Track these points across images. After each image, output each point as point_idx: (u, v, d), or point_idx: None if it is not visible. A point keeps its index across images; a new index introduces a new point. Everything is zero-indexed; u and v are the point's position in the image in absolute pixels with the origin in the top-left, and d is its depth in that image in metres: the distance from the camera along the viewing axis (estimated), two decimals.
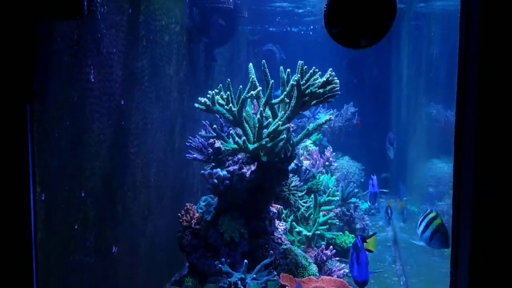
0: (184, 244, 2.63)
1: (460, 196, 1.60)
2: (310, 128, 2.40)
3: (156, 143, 3.26)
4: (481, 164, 1.47)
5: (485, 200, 1.48)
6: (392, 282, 3.93)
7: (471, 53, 1.60)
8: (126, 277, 2.87)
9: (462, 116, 1.63)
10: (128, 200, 2.86)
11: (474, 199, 1.49)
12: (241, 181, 2.46)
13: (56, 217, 2.12)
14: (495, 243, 1.49)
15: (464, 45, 1.62)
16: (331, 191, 3.23)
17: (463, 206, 1.57)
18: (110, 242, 2.65)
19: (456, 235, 1.62)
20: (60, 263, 2.17)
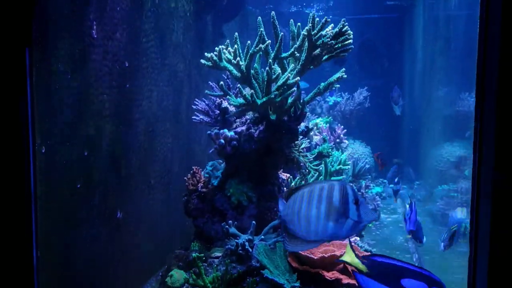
0: (190, 208, 2.54)
1: (479, 185, 1.53)
2: (321, 87, 2.30)
3: (161, 112, 3.18)
4: (501, 152, 1.42)
5: (505, 190, 1.42)
6: (404, 259, 3.82)
7: (492, 33, 1.51)
8: (132, 244, 2.81)
9: (482, 104, 1.56)
10: (133, 166, 2.79)
11: (493, 187, 1.44)
12: (249, 142, 2.37)
13: (58, 172, 2.05)
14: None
15: (484, 25, 1.53)
16: (343, 159, 3.12)
17: (482, 194, 1.51)
18: (114, 207, 2.58)
19: (476, 223, 1.55)
20: (62, 221, 2.10)
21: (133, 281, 2.88)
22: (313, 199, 1.61)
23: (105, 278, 2.51)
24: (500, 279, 1.46)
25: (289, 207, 1.65)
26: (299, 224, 1.63)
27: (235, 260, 2.29)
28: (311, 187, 1.63)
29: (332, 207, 1.59)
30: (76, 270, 2.23)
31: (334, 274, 2.16)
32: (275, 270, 2.20)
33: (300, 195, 1.63)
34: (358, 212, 1.61)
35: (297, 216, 1.63)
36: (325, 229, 1.62)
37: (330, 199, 1.59)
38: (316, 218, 1.61)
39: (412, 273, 1.66)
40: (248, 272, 2.26)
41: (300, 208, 1.62)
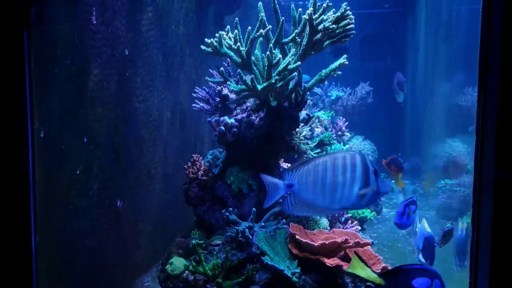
0: (191, 196, 2.53)
1: (481, 182, 1.51)
2: (323, 74, 2.28)
3: (162, 104, 3.17)
4: (503, 149, 1.41)
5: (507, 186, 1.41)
6: (406, 251, 3.82)
7: (495, 26, 1.50)
8: (132, 234, 2.80)
9: (484, 100, 1.55)
10: (133, 156, 2.78)
11: (495, 185, 1.42)
12: (249, 129, 2.35)
13: (56, 158, 2.04)
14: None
15: (487, 18, 1.51)
16: (345, 148, 3.11)
17: (484, 192, 1.49)
18: (114, 196, 2.57)
19: (477, 223, 1.53)
20: (61, 208, 2.09)
21: (134, 271, 2.87)
22: (338, 168, 1.62)
23: (105, 267, 2.50)
24: (502, 277, 1.45)
25: (307, 175, 1.64)
26: (323, 192, 1.63)
27: (235, 247, 2.28)
28: (333, 157, 1.64)
29: (356, 176, 1.61)
30: (75, 257, 2.22)
31: (334, 260, 2.15)
32: (276, 257, 2.18)
33: (322, 164, 1.63)
34: (377, 182, 1.63)
35: (320, 184, 1.63)
36: (349, 197, 1.63)
37: (353, 168, 1.61)
38: (342, 186, 1.62)
39: (417, 272, 1.67)
40: (248, 259, 2.25)
41: (325, 176, 1.63)
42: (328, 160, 1.64)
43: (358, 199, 1.64)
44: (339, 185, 1.62)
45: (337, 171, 1.61)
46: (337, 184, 1.62)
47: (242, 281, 2.19)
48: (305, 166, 1.65)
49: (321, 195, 1.64)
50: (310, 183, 1.63)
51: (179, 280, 2.30)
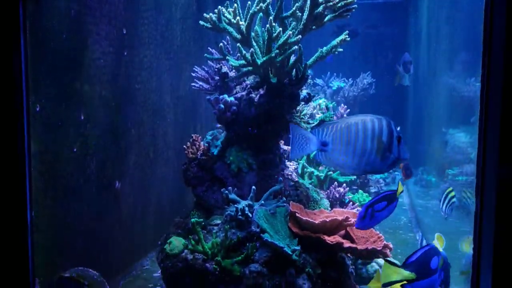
0: (190, 176, 2.49)
1: (484, 179, 1.48)
2: (324, 50, 2.24)
3: (162, 87, 3.14)
4: (507, 144, 1.39)
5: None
6: (408, 237, 3.79)
7: (498, 19, 1.46)
8: (131, 216, 2.77)
9: (487, 93, 1.52)
10: (131, 137, 2.75)
11: (498, 182, 1.40)
12: (249, 106, 2.31)
13: (52, 133, 2.01)
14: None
15: (490, 8, 1.48)
16: None
17: (487, 189, 1.46)
18: (113, 177, 2.54)
19: (479, 219, 1.51)
20: (58, 184, 2.06)
21: (133, 254, 2.84)
22: (367, 132, 1.62)
23: (104, 247, 2.47)
24: (505, 274, 1.42)
25: (341, 137, 1.63)
26: (353, 155, 1.63)
27: (234, 226, 2.24)
28: (363, 119, 1.64)
29: (382, 141, 1.61)
30: (72, 235, 2.19)
31: (335, 238, 2.12)
32: (276, 235, 2.15)
33: (354, 126, 1.63)
34: (398, 148, 1.63)
35: (352, 147, 1.63)
36: (374, 162, 1.64)
37: (380, 132, 1.62)
38: (370, 150, 1.62)
39: (431, 251, 1.68)
40: (248, 238, 2.21)
41: (357, 140, 1.63)
42: (359, 122, 1.63)
43: (381, 164, 1.64)
44: (367, 150, 1.63)
45: (367, 135, 1.62)
46: (366, 148, 1.63)
47: (242, 260, 2.15)
48: (337, 125, 1.64)
49: (351, 157, 1.64)
50: (343, 145, 1.63)
51: (178, 260, 2.26)
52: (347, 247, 2.08)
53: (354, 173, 1.63)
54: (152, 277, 2.74)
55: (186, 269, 2.24)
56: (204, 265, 2.21)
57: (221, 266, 2.17)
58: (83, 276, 1.86)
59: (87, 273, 1.91)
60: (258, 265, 2.15)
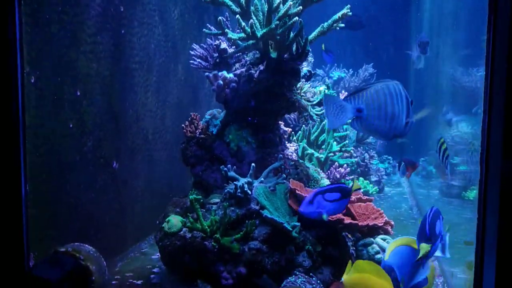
0: (188, 155, 2.46)
1: (487, 173, 1.47)
2: (325, 25, 2.20)
3: (161, 68, 3.10)
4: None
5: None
6: (409, 223, 3.75)
7: (503, 8, 1.43)
8: (130, 197, 2.73)
9: (491, 87, 1.49)
10: (129, 118, 2.71)
11: (502, 176, 1.39)
12: (248, 83, 2.27)
13: (48, 107, 1.98)
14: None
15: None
16: None
17: (490, 185, 1.46)
18: (110, 156, 2.51)
19: (483, 213, 1.48)
20: (53, 159, 2.03)
21: (131, 236, 2.81)
22: (393, 96, 1.64)
23: (101, 228, 2.44)
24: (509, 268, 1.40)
25: (373, 101, 1.63)
26: (385, 118, 1.64)
27: (234, 203, 2.21)
28: (385, 84, 1.65)
29: (404, 105, 1.64)
30: (69, 212, 2.16)
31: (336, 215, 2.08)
32: (275, 212, 2.12)
33: (382, 91, 1.64)
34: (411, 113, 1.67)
35: (384, 111, 1.63)
36: (400, 126, 1.65)
37: (401, 96, 1.63)
38: (398, 114, 1.64)
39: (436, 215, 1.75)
40: (247, 215, 2.18)
41: (386, 104, 1.64)
42: (385, 87, 1.65)
43: (404, 128, 1.65)
44: (395, 113, 1.64)
45: (393, 99, 1.63)
46: (394, 112, 1.64)
47: (241, 237, 2.12)
48: (367, 92, 1.64)
49: (383, 121, 1.64)
50: (376, 110, 1.63)
51: (176, 238, 2.23)
52: (348, 223, 2.04)
53: (385, 138, 1.63)
54: (150, 259, 2.71)
55: (185, 248, 2.21)
56: (203, 243, 2.17)
57: (220, 243, 2.13)
58: (79, 251, 1.83)
59: (83, 248, 1.88)
60: (257, 242, 2.12)
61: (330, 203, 1.88)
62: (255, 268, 2.11)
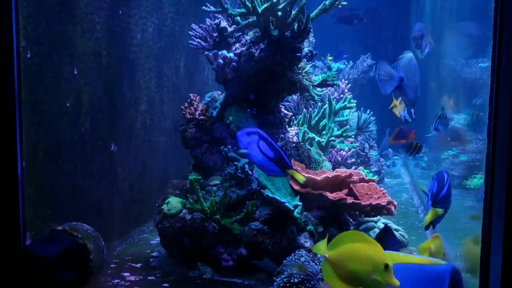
0: (188, 137, 2.42)
1: (493, 171, 1.43)
2: (327, 3, 2.16)
3: (160, 53, 3.05)
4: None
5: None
6: (409, 211, 3.73)
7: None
8: (127, 182, 2.69)
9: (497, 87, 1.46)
10: (127, 100, 2.67)
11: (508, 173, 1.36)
12: (249, 62, 2.23)
13: (44, 84, 1.93)
14: None
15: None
16: (348, 98, 3.00)
17: (497, 182, 1.42)
18: (108, 139, 2.47)
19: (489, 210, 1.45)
20: (50, 137, 1.98)
21: (131, 221, 2.77)
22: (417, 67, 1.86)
23: (99, 210, 2.40)
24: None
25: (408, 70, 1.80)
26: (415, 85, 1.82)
27: (234, 184, 2.17)
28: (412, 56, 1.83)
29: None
30: (66, 193, 2.11)
31: (338, 194, 2.05)
32: (276, 192, 2.08)
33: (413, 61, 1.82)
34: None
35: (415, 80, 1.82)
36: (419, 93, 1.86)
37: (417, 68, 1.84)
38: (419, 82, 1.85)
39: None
40: (248, 196, 2.15)
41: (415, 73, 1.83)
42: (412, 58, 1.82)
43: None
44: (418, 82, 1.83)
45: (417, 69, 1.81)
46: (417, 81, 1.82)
47: (242, 218, 2.09)
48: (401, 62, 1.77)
49: (414, 89, 1.80)
50: (411, 79, 1.80)
51: (176, 220, 2.19)
52: (350, 203, 2.01)
53: (412, 103, 1.91)
54: (149, 244, 2.67)
55: (184, 229, 2.17)
56: (203, 224, 2.14)
57: (220, 224, 2.10)
58: (76, 229, 1.79)
59: (80, 227, 1.84)
60: (258, 223, 2.08)
61: (258, 152, 1.67)
62: (256, 250, 2.08)
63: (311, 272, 1.70)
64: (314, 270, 1.72)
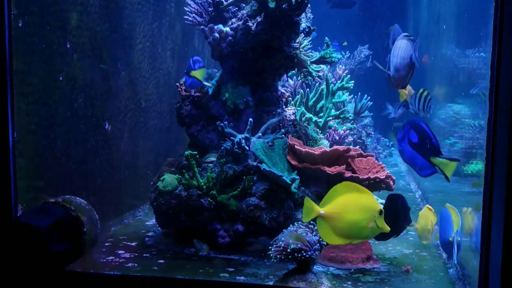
0: (183, 114, 2.38)
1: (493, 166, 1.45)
2: None
3: (156, 33, 3.00)
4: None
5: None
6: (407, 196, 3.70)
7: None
8: (121, 163, 2.65)
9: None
10: (121, 80, 2.63)
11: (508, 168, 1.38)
12: (246, 36, 2.19)
13: (36, 55, 1.89)
14: None
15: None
16: (346, 78, 2.97)
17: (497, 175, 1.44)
18: (102, 117, 2.43)
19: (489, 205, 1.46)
20: (43, 111, 1.94)
21: (125, 202, 2.73)
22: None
23: (93, 188, 2.36)
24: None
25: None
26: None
27: (231, 160, 2.14)
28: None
29: None
30: (59, 168, 2.07)
31: (336, 168, 2.02)
32: (273, 167, 2.05)
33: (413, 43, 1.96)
34: None
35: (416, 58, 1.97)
36: None
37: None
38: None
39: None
40: (245, 172, 2.11)
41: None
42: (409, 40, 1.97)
43: None
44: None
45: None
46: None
47: (238, 193, 2.05)
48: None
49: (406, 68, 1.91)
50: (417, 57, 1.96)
51: (171, 196, 2.16)
52: (349, 176, 1.98)
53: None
54: (144, 225, 2.63)
55: (180, 206, 2.14)
56: (199, 200, 2.10)
57: (216, 200, 2.07)
58: (69, 201, 1.75)
59: (74, 199, 1.80)
60: (255, 199, 2.05)
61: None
62: (253, 225, 2.05)
63: (308, 242, 1.67)
64: (312, 240, 1.69)
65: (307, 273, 1.71)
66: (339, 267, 1.96)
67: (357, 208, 1.36)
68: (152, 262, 2.01)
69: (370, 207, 1.35)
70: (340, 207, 1.39)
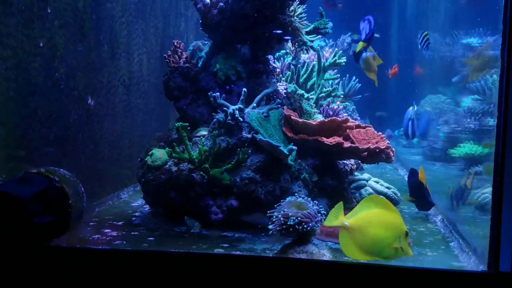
0: (172, 87, 2.26)
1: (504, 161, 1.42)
2: None
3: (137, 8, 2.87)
4: None
5: None
6: (395, 178, 3.69)
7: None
8: (105, 141, 2.52)
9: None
10: (104, 53, 2.49)
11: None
12: (238, 2, 2.09)
13: (15, 17, 1.76)
14: None
15: None
16: (338, 53, 2.90)
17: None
18: (85, 92, 2.29)
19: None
20: (20, 78, 1.80)
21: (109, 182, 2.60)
22: None
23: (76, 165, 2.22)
24: None
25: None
26: None
27: (224, 133, 2.04)
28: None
29: None
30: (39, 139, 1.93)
31: (334, 139, 1.94)
32: (269, 138, 1.96)
33: None
34: None
35: None
36: None
37: None
38: None
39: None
40: (239, 145, 2.01)
41: None
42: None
43: None
44: None
45: None
46: None
47: (232, 167, 1.96)
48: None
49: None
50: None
51: (161, 172, 2.05)
52: (348, 147, 1.91)
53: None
54: (130, 206, 2.51)
55: (170, 182, 2.03)
56: (191, 175, 2.00)
57: (209, 174, 1.97)
58: (53, 172, 1.63)
59: (57, 170, 1.67)
60: (250, 172, 1.96)
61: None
62: (248, 200, 1.95)
63: (309, 212, 1.59)
64: (313, 211, 1.61)
65: (307, 244, 1.63)
66: (338, 242, 1.88)
67: (383, 225, 1.30)
68: (141, 239, 1.90)
69: (396, 226, 1.30)
70: (366, 221, 1.33)
